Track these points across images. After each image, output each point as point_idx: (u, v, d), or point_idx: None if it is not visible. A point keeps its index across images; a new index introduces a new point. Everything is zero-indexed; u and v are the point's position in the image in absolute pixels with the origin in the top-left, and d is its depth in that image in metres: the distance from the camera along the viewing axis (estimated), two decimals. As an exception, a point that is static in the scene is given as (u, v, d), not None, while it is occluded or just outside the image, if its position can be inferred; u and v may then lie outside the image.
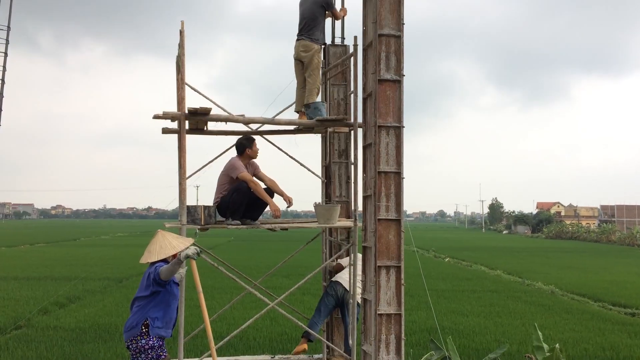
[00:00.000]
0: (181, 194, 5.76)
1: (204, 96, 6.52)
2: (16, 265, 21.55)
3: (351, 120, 6.60)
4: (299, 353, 6.51)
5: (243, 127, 6.85)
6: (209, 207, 5.99)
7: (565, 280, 18.77)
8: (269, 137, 7.12)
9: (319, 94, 6.88)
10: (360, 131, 5.92)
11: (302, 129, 6.97)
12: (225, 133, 6.91)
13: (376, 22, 5.37)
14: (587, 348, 9.15)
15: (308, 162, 7.12)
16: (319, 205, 6.47)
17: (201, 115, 5.96)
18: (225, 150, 6.77)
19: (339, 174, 7.33)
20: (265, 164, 6.38)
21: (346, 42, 7.60)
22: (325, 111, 6.63)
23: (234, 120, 6.27)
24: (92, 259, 24.30)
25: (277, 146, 7.09)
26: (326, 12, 6.93)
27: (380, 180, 5.36)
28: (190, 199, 5.87)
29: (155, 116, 5.86)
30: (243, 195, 6.02)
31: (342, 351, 6.67)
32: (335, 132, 7.23)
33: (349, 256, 6.78)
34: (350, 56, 6.71)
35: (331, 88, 7.41)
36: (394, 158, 5.40)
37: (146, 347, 5.03)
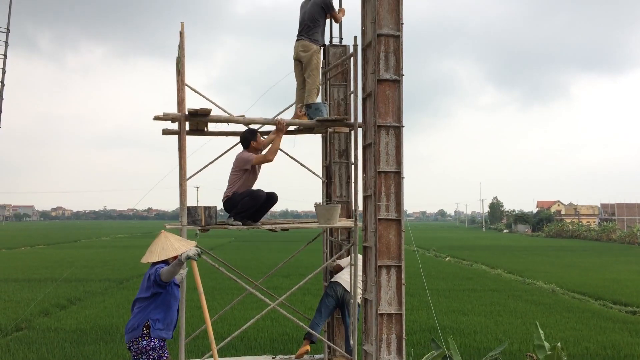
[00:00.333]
0: (182, 195, 5.76)
1: (204, 97, 6.53)
2: (16, 267, 21.56)
3: (351, 120, 6.60)
4: (301, 355, 6.50)
5: (243, 128, 6.85)
6: (210, 208, 6.00)
7: (566, 278, 18.78)
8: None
9: (319, 94, 6.88)
10: (360, 131, 5.92)
11: (303, 129, 6.97)
12: (225, 134, 6.92)
13: (375, 22, 5.37)
14: (588, 346, 9.15)
15: (308, 162, 7.16)
16: (319, 205, 6.47)
17: (201, 116, 5.96)
18: (225, 151, 6.77)
19: (339, 174, 7.33)
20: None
21: (345, 43, 7.60)
22: (326, 112, 6.63)
23: (235, 121, 6.27)
24: (93, 261, 24.31)
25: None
26: (326, 15, 6.93)
27: (380, 180, 5.36)
28: (190, 200, 5.88)
29: (156, 117, 5.86)
30: (255, 203, 6.06)
31: (343, 351, 6.67)
32: (336, 132, 7.23)
33: (348, 256, 6.78)
34: (350, 56, 6.71)
35: (331, 88, 7.40)
36: (394, 158, 5.40)
37: (147, 348, 5.04)
